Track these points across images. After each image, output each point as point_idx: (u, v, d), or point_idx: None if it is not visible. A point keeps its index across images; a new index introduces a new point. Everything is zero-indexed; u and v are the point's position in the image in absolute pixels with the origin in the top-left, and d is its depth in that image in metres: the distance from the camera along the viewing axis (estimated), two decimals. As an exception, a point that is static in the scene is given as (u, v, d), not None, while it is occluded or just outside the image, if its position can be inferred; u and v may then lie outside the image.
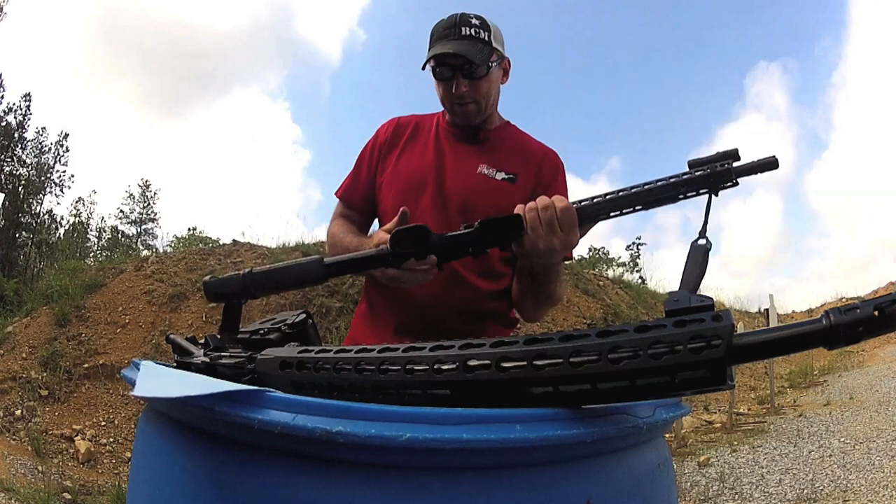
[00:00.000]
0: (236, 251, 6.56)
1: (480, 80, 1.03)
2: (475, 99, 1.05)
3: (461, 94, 1.03)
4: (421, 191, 1.08)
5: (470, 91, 1.04)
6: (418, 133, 1.15)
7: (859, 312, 0.33)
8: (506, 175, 1.07)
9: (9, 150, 18.70)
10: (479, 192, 1.06)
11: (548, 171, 1.09)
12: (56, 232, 20.67)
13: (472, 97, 1.04)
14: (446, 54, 1.01)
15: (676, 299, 0.37)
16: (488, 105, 1.07)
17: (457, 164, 1.09)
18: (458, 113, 1.07)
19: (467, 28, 1.03)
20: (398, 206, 1.05)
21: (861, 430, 4.54)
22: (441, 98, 1.08)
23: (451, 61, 1.02)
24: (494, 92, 1.08)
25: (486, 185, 1.06)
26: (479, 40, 1.02)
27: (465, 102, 1.05)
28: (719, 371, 0.34)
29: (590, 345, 0.36)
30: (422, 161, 1.11)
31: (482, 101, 1.06)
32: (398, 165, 1.13)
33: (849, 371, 7.45)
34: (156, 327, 5.17)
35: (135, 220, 24.01)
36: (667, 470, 0.52)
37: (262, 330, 0.56)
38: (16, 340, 5.00)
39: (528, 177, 1.07)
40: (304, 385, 0.45)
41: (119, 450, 4.14)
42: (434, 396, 0.40)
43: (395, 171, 1.12)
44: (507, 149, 1.11)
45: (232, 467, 0.38)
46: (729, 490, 3.50)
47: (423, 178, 1.09)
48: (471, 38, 1.02)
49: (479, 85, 1.04)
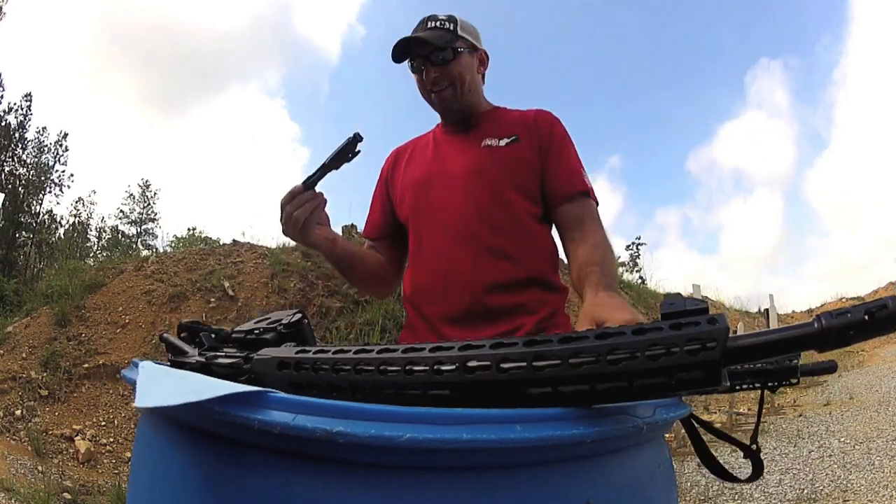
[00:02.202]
0: (236, 251, 6.56)
1: (449, 64, 1.08)
2: (449, 81, 1.09)
3: (433, 79, 1.09)
4: (430, 186, 1.11)
5: (441, 76, 1.09)
6: (417, 149, 1.21)
7: (850, 317, 0.33)
8: (509, 139, 1.10)
9: (9, 150, 18.68)
10: (488, 160, 1.09)
11: (544, 127, 1.11)
12: (56, 232, 20.65)
13: (445, 80, 1.09)
14: (409, 39, 1.08)
15: (672, 302, 0.37)
16: (464, 88, 1.11)
17: (458, 150, 1.13)
18: (436, 101, 1.12)
19: (432, 22, 1.10)
20: (414, 209, 1.12)
21: (861, 430, 4.54)
22: (420, 92, 1.14)
23: (417, 50, 1.08)
24: (468, 76, 1.11)
25: (493, 153, 1.10)
26: (443, 29, 1.09)
27: (439, 88, 1.09)
28: (714, 372, 0.35)
29: (588, 346, 0.37)
30: (425, 164, 1.15)
31: (456, 83, 1.09)
32: (405, 178, 1.17)
33: (849, 371, 7.46)
34: (156, 327, 5.17)
35: (135, 220, 24.01)
36: (667, 470, 0.52)
37: (257, 329, 0.56)
38: (16, 340, 5.00)
39: (530, 136, 1.10)
40: (302, 385, 0.45)
41: (119, 450, 4.14)
42: (434, 397, 0.40)
43: (404, 184, 1.16)
44: (502, 122, 1.14)
45: (232, 467, 0.39)
46: (729, 490, 3.50)
47: (429, 175, 1.13)
48: (434, 28, 1.09)
49: (449, 68, 1.08)
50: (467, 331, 1.01)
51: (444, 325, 1.05)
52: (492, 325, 1.01)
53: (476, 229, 1.04)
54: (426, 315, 1.09)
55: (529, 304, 1.03)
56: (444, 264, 1.05)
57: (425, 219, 1.10)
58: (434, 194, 1.10)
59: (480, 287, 1.02)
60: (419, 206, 1.11)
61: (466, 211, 1.06)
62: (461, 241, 1.05)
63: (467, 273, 1.03)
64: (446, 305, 1.05)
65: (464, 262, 1.04)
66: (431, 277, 1.07)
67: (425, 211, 1.10)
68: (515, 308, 1.03)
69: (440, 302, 1.06)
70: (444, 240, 1.06)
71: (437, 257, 1.07)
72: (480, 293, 1.02)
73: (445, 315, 1.05)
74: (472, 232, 1.04)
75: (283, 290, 5.70)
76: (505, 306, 1.02)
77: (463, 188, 1.08)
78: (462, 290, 1.03)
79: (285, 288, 5.73)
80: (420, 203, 1.11)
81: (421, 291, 1.10)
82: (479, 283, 1.02)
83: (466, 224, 1.05)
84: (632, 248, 17.54)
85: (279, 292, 5.67)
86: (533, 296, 1.05)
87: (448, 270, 1.05)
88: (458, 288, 1.03)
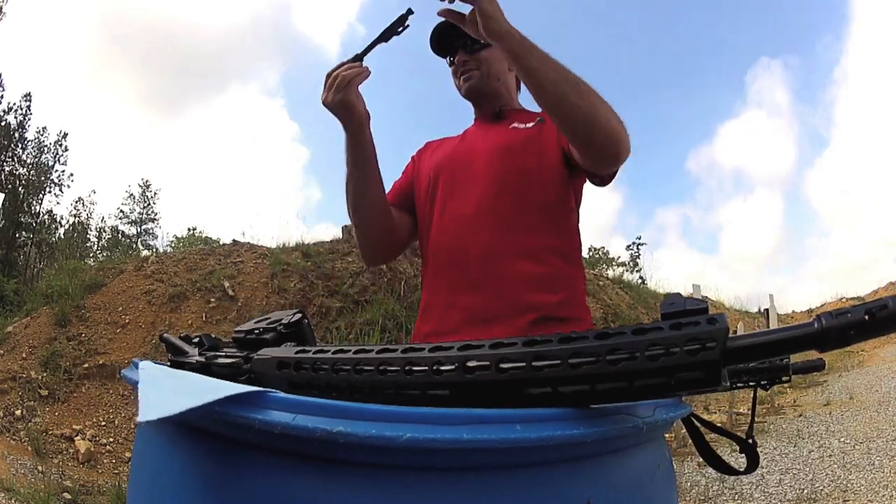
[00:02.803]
0: (236, 251, 6.57)
1: (479, 52, 1.13)
2: (477, 66, 1.14)
3: (461, 61, 1.14)
4: (456, 163, 1.14)
5: (469, 60, 1.14)
6: (448, 139, 1.24)
7: (850, 317, 0.33)
8: (534, 122, 1.13)
9: (9, 150, 18.69)
10: (514, 138, 1.11)
11: None
12: (56, 232, 20.67)
13: (472, 64, 1.14)
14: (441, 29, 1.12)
15: (672, 302, 0.37)
16: (490, 73, 1.14)
17: (485, 132, 1.16)
18: (464, 85, 1.16)
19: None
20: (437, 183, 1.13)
21: (861, 430, 4.54)
22: (453, 78, 1.18)
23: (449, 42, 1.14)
24: (497, 66, 1.15)
25: (519, 133, 1.12)
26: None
27: (467, 69, 1.14)
28: (714, 372, 0.35)
29: (588, 347, 0.37)
30: (452, 147, 1.19)
31: (484, 68, 1.14)
32: (432, 159, 1.19)
33: (849, 371, 7.46)
34: (156, 327, 5.17)
35: (135, 220, 24.03)
36: (667, 470, 0.52)
37: (257, 329, 0.56)
38: (16, 340, 5.00)
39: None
40: (302, 385, 0.45)
41: (119, 450, 4.14)
42: (433, 397, 0.40)
43: (430, 164, 1.18)
44: (531, 114, 1.17)
45: (232, 467, 0.39)
46: (729, 490, 3.50)
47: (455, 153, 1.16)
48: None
49: (479, 55, 1.13)
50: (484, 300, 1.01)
51: (460, 294, 1.04)
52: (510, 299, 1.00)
53: (496, 201, 1.05)
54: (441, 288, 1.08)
55: (546, 277, 1.02)
56: (464, 233, 1.06)
57: (448, 192, 1.11)
58: (459, 171, 1.11)
59: (497, 257, 1.02)
60: (443, 182, 1.12)
61: (488, 183, 1.06)
62: (482, 212, 1.05)
63: (485, 243, 1.03)
64: (464, 276, 1.04)
65: (482, 233, 1.04)
66: (452, 247, 1.07)
67: (449, 185, 1.11)
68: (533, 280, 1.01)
69: (458, 272, 1.05)
70: (466, 209, 1.07)
71: (457, 227, 1.07)
72: (496, 263, 1.02)
73: (461, 285, 1.04)
74: (492, 203, 1.05)
75: (283, 290, 5.70)
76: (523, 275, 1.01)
77: (486, 162, 1.09)
78: (479, 259, 1.03)
79: (285, 288, 5.73)
80: (444, 179, 1.12)
81: (440, 261, 1.09)
82: (497, 253, 1.02)
83: (488, 196, 1.06)
84: (632, 247, 17.55)
85: (279, 292, 5.67)
86: (549, 268, 1.03)
87: (467, 240, 1.05)
88: (476, 257, 1.03)
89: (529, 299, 1.00)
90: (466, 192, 1.08)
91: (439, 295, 1.09)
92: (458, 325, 1.02)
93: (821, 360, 0.97)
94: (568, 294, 1.04)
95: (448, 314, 1.05)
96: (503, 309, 1.00)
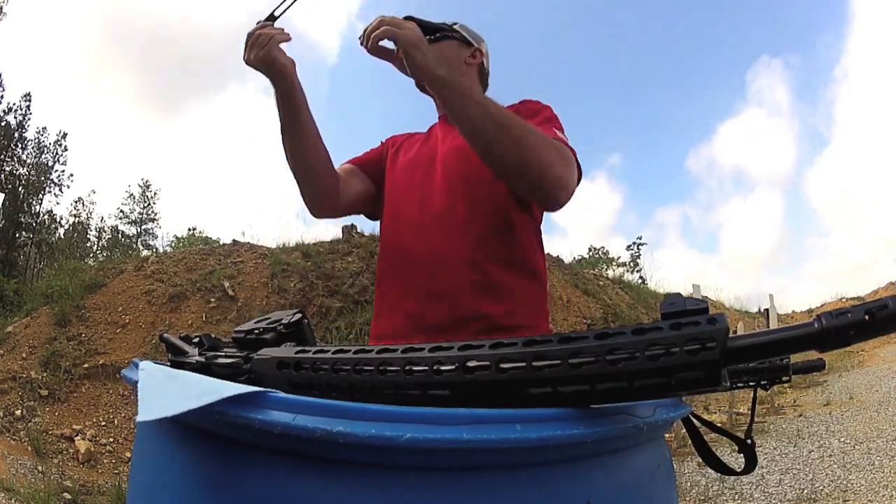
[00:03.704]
0: (236, 251, 6.57)
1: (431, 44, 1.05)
2: None
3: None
4: (416, 166, 1.11)
5: None
6: (414, 137, 1.21)
7: (850, 317, 0.33)
8: None
9: (9, 150, 18.69)
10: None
11: (530, 108, 1.08)
12: (56, 232, 20.69)
13: None
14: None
15: (672, 302, 0.37)
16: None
17: (447, 136, 1.11)
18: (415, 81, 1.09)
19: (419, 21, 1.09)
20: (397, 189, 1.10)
21: (861, 430, 4.54)
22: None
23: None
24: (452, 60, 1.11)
25: None
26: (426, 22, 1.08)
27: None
28: (714, 372, 0.35)
29: (588, 347, 0.37)
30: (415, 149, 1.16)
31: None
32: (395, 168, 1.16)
33: (849, 371, 7.47)
34: (156, 327, 5.18)
35: (135, 220, 24.05)
36: (667, 470, 0.52)
37: (257, 329, 0.56)
38: (16, 340, 5.00)
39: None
40: (302, 385, 0.45)
41: (119, 450, 4.14)
42: (433, 397, 0.40)
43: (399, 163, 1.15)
44: None
45: (232, 467, 0.39)
46: (729, 490, 3.50)
47: (416, 157, 1.13)
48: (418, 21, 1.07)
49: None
50: (430, 308, 0.99)
51: (406, 300, 1.02)
52: (455, 306, 0.98)
53: (448, 207, 1.02)
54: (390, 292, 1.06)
55: (491, 286, 0.99)
56: (415, 239, 1.03)
57: (406, 194, 1.09)
58: (417, 174, 1.09)
59: (444, 264, 1.00)
60: (403, 184, 1.10)
61: (442, 188, 1.04)
62: (434, 217, 1.03)
63: (433, 250, 1.01)
64: (412, 282, 1.02)
65: (432, 239, 1.01)
66: (402, 252, 1.05)
67: (407, 187, 1.09)
68: (477, 288, 0.99)
69: (408, 277, 1.03)
70: (419, 213, 1.05)
71: (409, 231, 1.05)
72: (443, 271, 0.99)
73: (409, 292, 1.02)
74: (445, 209, 1.03)
75: (283, 290, 5.70)
76: (468, 284, 0.99)
77: (443, 165, 1.06)
78: (427, 266, 1.01)
79: (285, 288, 5.74)
80: (404, 181, 1.10)
81: (390, 265, 1.08)
82: (444, 260, 1.00)
83: (441, 202, 1.03)
84: (632, 247, 17.54)
85: (279, 292, 5.68)
86: (495, 277, 1.00)
87: (418, 245, 1.02)
88: (424, 265, 1.01)
89: (474, 308, 0.98)
90: (421, 195, 1.06)
91: (389, 298, 1.07)
92: (405, 332, 1.00)
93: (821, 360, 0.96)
94: (515, 304, 1.00)
95: (396, 319, 1.03)
96: (449, 317, 0.98)
